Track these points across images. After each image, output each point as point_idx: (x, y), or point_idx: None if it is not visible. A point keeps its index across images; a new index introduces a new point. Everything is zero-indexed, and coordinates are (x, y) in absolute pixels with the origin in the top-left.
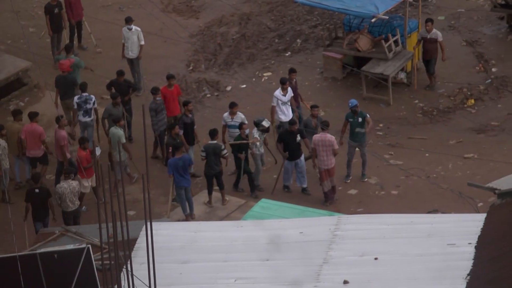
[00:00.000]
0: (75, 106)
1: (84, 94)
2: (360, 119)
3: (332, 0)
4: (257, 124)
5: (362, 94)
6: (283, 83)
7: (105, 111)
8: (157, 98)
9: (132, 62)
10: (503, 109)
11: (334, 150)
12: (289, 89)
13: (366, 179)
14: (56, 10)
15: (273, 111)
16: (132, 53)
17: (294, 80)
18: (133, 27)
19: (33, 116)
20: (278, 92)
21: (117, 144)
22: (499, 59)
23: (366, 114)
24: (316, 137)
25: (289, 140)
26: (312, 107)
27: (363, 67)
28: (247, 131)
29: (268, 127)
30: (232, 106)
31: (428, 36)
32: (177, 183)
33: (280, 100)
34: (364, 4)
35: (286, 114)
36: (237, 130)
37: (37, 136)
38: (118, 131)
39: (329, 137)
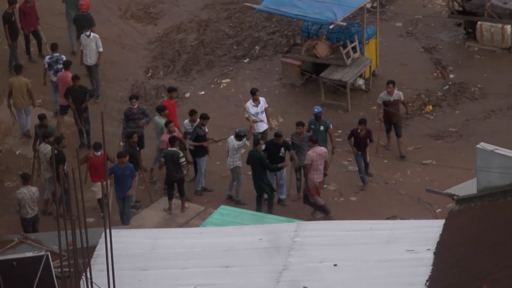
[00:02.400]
0: (46, 66)
1: (55, 54)
2: (322, 128)
3: (290, 6)
4: (238, 136)
5: (320, 100)
6: (253, 94)
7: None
8: (134, 106)
9: (90, 69)
10: (461, 115)
11: (326, 161)
12: (262, 99)
13: (325, 186)
14: (13, 18)
15: (251, 125)
16: (91, 60)
17: (364, 130)
18: (91, 33)
19: None
20: (249, 104)
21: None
22: (456, 66)
23: (330, 125)
24: (311, 153)
25: (273, 151)
26: (297, 124)
27: (321, 73)
28: (263, 147)
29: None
30: (192, 114)
31: (392, 99)
32: (118, 193)
33: (252, 111)
34: (322, 11)
35: (258, 125)
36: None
37: None
38: (46, 147)
39: (324, 149)
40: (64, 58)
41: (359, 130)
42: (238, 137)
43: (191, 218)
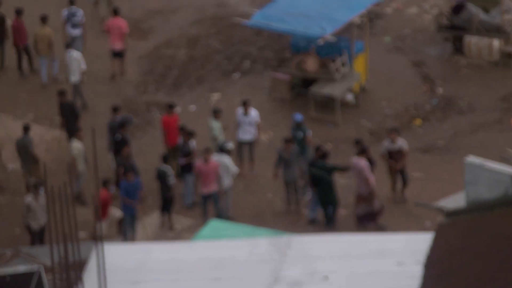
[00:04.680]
0: (64, 19)
1: (72, 7)
2: (302, 134)
3: (279, 21)
4: (223, 149)
5: (310, 115)
6: (243, 104)
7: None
8: (117, 117)
9: (74, 87)
10: (449, 129)
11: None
12: (254, 112)
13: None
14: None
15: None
16: (74, 77)
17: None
18: (73, 52)
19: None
20: (239, 109)
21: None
22: (444, 80)
23: (308, 131)
24: (359, 163)
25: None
26: (285, 140)
27: (311, 88)
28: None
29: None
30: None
31: (397, 147)
32: (124, 210)
33: (240, 120)
34: (311, 26)
35: (245, 134)
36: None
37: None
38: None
39: (362, 162)
40: (82, 12)
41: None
42: (225, 151)
43: (182, 232)
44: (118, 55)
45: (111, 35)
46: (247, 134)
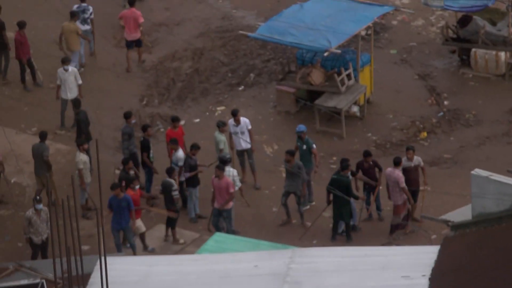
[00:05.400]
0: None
1: (83, 4)
2: (304, 147)
3: (284, 34)
4: (225, 161)
5: (315, 127)
6: (233, 115)
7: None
8: (132, 121)
9: (72, 102)
10: (456, 141)
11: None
12: (245, 121)
13: (308, 207)
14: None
15: (230, 137)
16: (71, 94)
17: (369, 163)
18: (70, 67)
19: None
20: (231, 121)
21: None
22: (451, 93)
23: (313, 144)
24: (385, 171)
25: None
26: (286, 152)
27: (316, 100)
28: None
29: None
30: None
31: (413, 165)
32: (114, 224)
33: (232, 130)
34: (316, 38)
35: (241, 143)
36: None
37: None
38: None
39: (397, 172)
40: (91, 9)
41: (364, 163)
42: (225, 162)
43: (186, 245)
44: (135, 44)
45: (127, 25)
46: (242, 143)
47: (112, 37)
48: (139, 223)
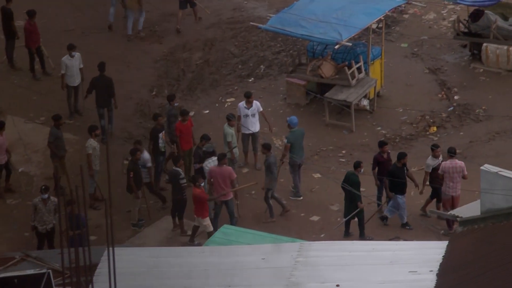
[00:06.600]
0: None
1: None
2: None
3: (295, 26)
4: (209, 153)
5: (325, 120)
6: (247, 97)
7: (51, 134)
8: (175, 104)
9: (75, 89)
10: (465, 136)
11: (464, 176)
12: (257, 103)
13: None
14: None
15: (238, 119)
16: (78, 79)
17: (387, 152)
18: (76, 53)
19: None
20: (241, 104)
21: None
22: (461, 87)
23: (285, 139)
24: (446, 163)
25: (400, 175)
26: (262, 146)
27: (326, 93)
28: (361, 170)
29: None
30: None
31: (440, 162)
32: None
33: (242, 112)
34: (327, 31)
35: (249, 128)
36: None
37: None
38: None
39: (459, 163)
40: None
41: (382, 153)
42: (210, 154)
43: (199, 233)
44: (190, 4)
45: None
46: (251, 125)
47: (123, 26)
48: (207, 222)
